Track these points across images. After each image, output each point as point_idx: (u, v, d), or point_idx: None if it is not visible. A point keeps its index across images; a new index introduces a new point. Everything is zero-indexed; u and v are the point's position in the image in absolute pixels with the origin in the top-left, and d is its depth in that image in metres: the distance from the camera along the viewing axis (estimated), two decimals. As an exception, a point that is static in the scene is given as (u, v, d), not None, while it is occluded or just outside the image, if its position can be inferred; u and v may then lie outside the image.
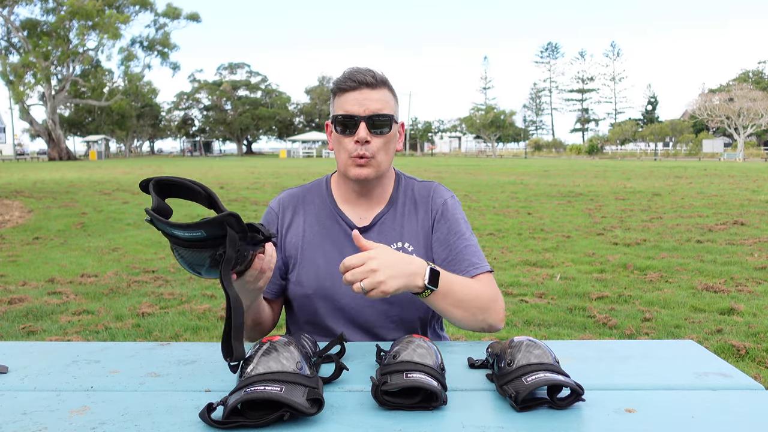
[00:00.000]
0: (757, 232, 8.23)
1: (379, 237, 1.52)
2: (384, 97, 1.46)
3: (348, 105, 1.44)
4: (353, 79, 1.44)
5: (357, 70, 1.46)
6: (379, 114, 1.44)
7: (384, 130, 1.45)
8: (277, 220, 1.59)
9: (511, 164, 35.10)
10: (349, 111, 1.44)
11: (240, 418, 0.91)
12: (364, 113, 1.43)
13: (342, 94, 1.46)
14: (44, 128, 49.76)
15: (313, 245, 1.54)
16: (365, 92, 1.44)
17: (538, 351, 1.04)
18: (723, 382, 1.11)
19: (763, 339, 3.84)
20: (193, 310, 4.50)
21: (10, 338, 3.93)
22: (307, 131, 74.51)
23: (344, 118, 1.45)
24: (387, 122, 1.46)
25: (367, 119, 1.43)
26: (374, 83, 1.45)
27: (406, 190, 1.60)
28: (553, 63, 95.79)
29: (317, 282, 1.52)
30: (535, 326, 4.18)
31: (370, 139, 1.44)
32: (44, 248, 7.47)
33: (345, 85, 1.45)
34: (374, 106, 1.44)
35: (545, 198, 13.33)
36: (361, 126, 1.43)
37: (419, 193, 1.59)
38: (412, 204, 1.57)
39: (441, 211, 1.55)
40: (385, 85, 1.48)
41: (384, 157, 1.48)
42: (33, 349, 1.31)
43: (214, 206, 1.10)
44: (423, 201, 1.58)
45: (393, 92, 1.52)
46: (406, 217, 1.55)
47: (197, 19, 52.84)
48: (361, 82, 1.44)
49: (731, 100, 52.29)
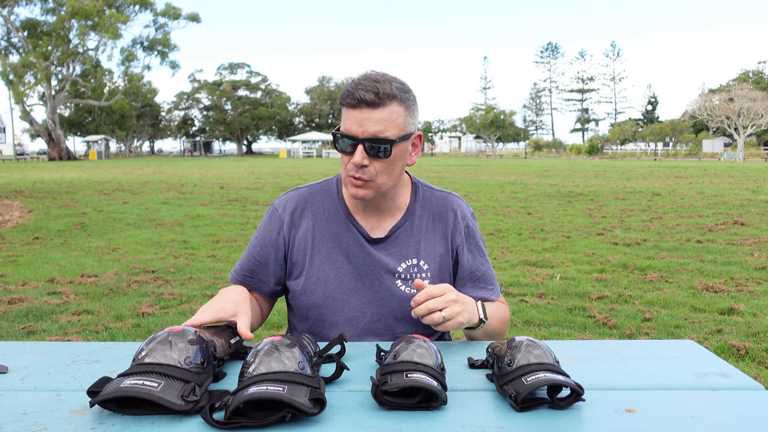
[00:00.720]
0: (757, 232, 8.23)
1: (395, 250, 1.47)
2: (388, 117, 1.33)
3: (348, 123, 1.35)
4: (354, 96, 1.32)
5: (360, 85, 1.33)
6: (377, 138, 1.32)
7: (383, 153, 1.34)
8: (281, 225, 1.51)
9: (511, 164, 35.10)
10: (348, 130, 1.34)
11: (242, 418, 0.90)
12: (362, 135, 1.33)
13: (345, 108, 1.36)
14: (44, 128, 49.76)
15: (322, 253, 1.48)
16: (365, 112, 1.32)
17: (538, 351, 1.04)
18: (723, 382, 1.11)
19: (763, 339, 3.84)
20: (193, 310, 4.50)
21: (10, 338, 3.93)
22: (307, 131, 74.52)
23: (343, 137, 1.36)
24: (387, 147, 1.34)
25: (366, 143, 1.33)
26: (376, 102, 1.31)
27: (424, 202, 1.53)
28: (553, 63, 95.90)
29: (325, 291, 1.47)
30: (535, 326, 4.18)
31: (368, 163, 1.35)
32: (44, 248, 7.47)
33: (345, 101, 1.35)
34: (373, 129, 1.32)
35: (545, 198, 13.33)
36: (358, 149, 1.33)
37: (437, 208, 1.53)
38: (431, 219, 1.52)
39: (465, 232, 1.54)
40: (392, 100, 1.33)
41: (385, 179, 1.39)
42: (33, 349, 1.31)
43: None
44: (442, 218, 1.52)
45: (406, 103, 1.36)
46: (423, 233, 1.49)
47: (197, 19, 52.81)
48: (361, 100, 1.31)
49: (731, 100, 52.29)
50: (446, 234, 1.51)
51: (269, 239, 1.52)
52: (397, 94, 1.34)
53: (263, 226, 1.55)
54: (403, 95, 1.35)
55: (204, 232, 8.75)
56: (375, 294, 1.47)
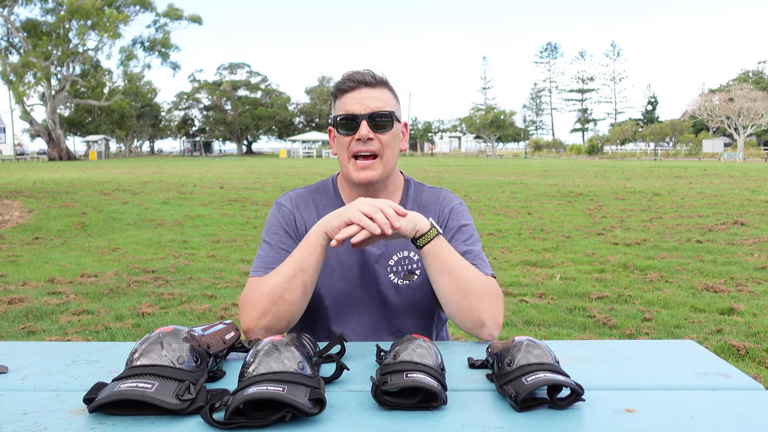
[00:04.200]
0: (757, 232, 8.23)
1: (388, 243, 1.51)
2: (384, 96, 1.46)
3: (348, 105, 1.44)
4: (353, 79, 1.45)
5: (356, 71, 1.47)
6: (380, 112, 1.44)
7: (387, 127, 1.45)
8: (293, 218, 1.55)
9: (511, 164, 35.10)
10: (350, 110, 1.44)
11: (242, 418, 0.91)
12: (365, 111, 1.43)
13: (342, 95, 1.46)
14: (44, 128, 49.74)
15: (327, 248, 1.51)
16: (365, 91, 1.44)
17: (538, 351, 1.04)
18: (723, 382, 1.11)
19: (763, 339, 3.84)
20: (193, 310, 4.50)
21: (10, 338, 3.93)
22: (307, 131, 74.48)
23: (345, 118, 1.44)
24: (389, 119, 1.45)
25: (368, 117, 1.43)
26: (374, 82, 1.45)
27: (415, 197, 1.59)
28: (553, 63, 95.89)
29: (330, 285, 1.51)
30: (535, 326, 4.18)
31: (373, 136, 1.43)
32: (44, 248, 7.47)
33: (345, 85, 1.45)
34: (375, 105, 1.43)
35: (545, 198, 13.33)
36: (362, 124, 1.43)
37: (427, 200, 1.58)
38: (420, 211, 1.53)
39: (447, 218, 1.55)
40: (385, 85, 1.48)
41: (390, 156, 1.47)
42: (33, 349, 1.31)
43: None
44: (431, 208, 1.57)
45: (394, 92, 1.51)
46: None
47: (199, 21, 52.79)
48: (361, 81, 1.44)
49: (731, 100, 52.28)
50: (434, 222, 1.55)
51: (289, 230, 1.53)
52: (387, 82, 1.50)
53: (275, 221, 1.55)
54: (390, 85, 1.51)
55: (204, 232, 8.75)
56: (374, 288, 1.52)
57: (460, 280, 1.36)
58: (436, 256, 1.35)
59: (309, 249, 1.36)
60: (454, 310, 1.38)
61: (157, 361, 0.98)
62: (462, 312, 1.37)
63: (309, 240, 1.37)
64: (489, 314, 1.37)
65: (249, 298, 1.40)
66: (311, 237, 1.36)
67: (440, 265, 1.36)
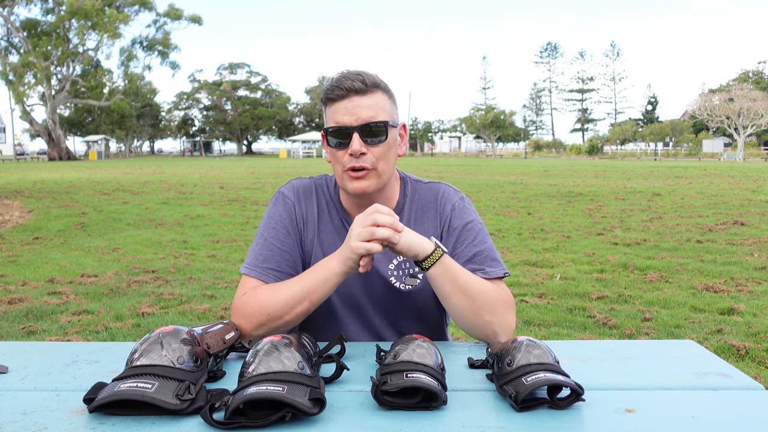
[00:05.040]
0: (757, 232, 8.23)
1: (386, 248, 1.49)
2: (377, 102, 1.35)
3: (338, 116, 1.34)
4: (341, 86, 1.33)
5: (345, 76, 1.35)
6: (372, 122, 1.33)
7: (380, 138, 1.35)
8: (294, 212, 1.49)
9: (511, 164, 35.09)
10: (340, 122, 1.34)
11: (242, 418, 0.91)
12: (356, 123, 1.33)
13: (331, 104, 1.36)
14: (44, 128, 49.75)
15: (325, 243, 1.48)
16: (355, 100, 1.33)
17: (538, 351, 1.04)
18: (723, 382, 1.11)
19: (763, 339, 3.84)
20: (193, 310, 4.50)
21: (10, 338, 3.93)
22: (307, 131, 74.51)
23: (335, 131, 1.35)
24: (382, 129, 1.35)
25: (360, 129, 1.33)
26: (364, 89, 1.33)
27: (413, 195, 1.52)
28: (553, 63, 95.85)
29: None
30: (535, 326, 4.18)
31: (366, 150, 1.34)
32: (44, 248, 7.47)
33: (333, 94, 1.34)
34: (366, 114, 1.33)
35: (545, 198, 13.33)
36: (354, 137, 1.33)
37: (426, 198, 1.51)
38: (419, 211, 1.50)
39: (449, 218, 1.48)
40: (377, 88, 1.36)
41: (385, 167, 1.38)
42: (33, 349, 1.31)
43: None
44: (430, 207, 1.50)
45: (389, 93, 1.40)
46: (413, 226, 1.45)
47: (199, 21, 52.77)
48: (350, 89, 1.32)
49: (731, 100, 52.28)
50: (435, 222, 1.49)
51: (289, 226, 1.48)
52: (380, 84, 1.38)
53: (276, 214, 1.49)
54: (384, 85, 1.39)
55: (204, 232, 8.75)
56: (375, 292, 1.48)
57: (471, 299, 1.31)
58: (442, 277, 1.30)
59: (323, 280, 1.33)
60: (467, 325, 1.35)
61: (157, 361, 0.98)
62: (474, 327, 1.34)
63: (325, 272, 1.33)
64: (502, 327, 1.34)
65: (247, 308, 1.35)
66: (329, 269, 1.33)
67: (449, 287, 1.31)
